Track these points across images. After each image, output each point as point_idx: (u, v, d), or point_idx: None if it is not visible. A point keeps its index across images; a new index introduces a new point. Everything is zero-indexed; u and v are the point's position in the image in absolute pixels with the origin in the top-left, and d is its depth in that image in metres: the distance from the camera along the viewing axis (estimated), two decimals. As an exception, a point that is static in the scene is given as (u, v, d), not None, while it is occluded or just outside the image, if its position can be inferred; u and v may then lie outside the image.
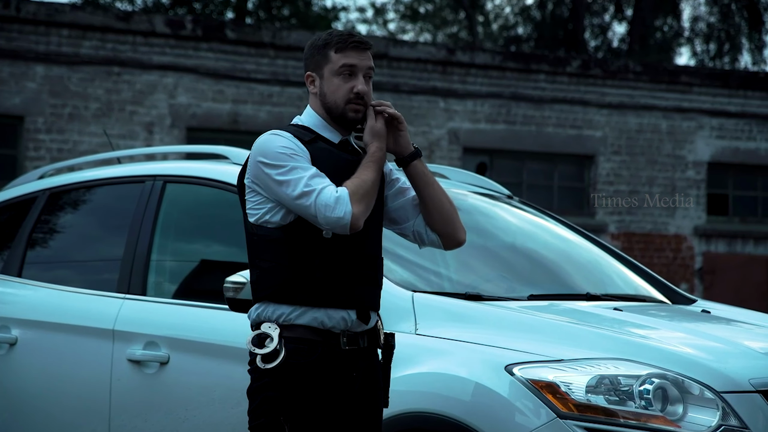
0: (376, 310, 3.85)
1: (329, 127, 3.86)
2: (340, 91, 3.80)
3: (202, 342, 4.82)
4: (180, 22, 15.29)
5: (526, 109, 16.60)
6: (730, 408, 3.97)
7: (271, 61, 15.51)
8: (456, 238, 3.99)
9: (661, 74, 17.45)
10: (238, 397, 4.64)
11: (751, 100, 17.80)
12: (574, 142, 16.92)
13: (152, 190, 5.31)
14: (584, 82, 16.99)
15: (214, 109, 15.27)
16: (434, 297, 4.58)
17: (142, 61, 14.97)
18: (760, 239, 17.76)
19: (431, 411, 4.17)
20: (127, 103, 14.89)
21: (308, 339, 3.70)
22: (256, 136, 3.95)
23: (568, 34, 26.50)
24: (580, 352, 4.12)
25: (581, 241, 5.77)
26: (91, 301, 5.28)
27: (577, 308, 4.76)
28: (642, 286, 5.52)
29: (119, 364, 5.03)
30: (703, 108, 17.58)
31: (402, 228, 3.99)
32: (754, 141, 17.84)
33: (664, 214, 17.30)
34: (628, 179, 17.16)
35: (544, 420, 3.98)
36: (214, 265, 5.22)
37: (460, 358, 4.22)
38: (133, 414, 4.99)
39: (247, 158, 3.84)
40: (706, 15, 27.91)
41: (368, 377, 3.80)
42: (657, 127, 17.35)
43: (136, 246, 5.22)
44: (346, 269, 3.72)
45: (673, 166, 17.41)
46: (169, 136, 14.97)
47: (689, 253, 17.30)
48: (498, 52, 17.17)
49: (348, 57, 3.81)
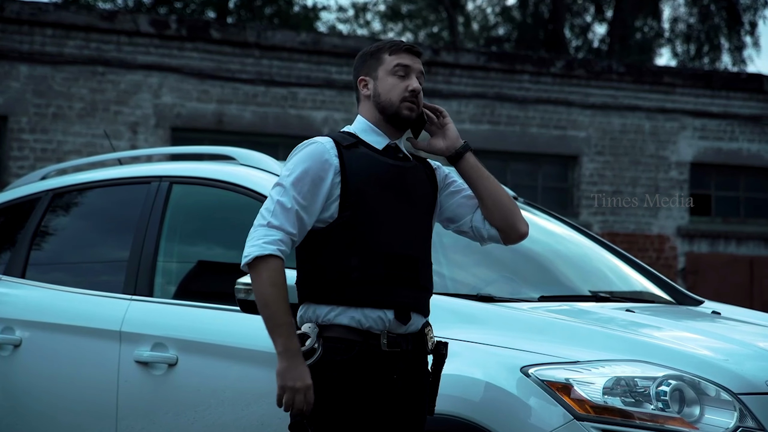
0: (420, 313, 3.83)
1: (377, 130, 3.89)
2: (395, 90, 3.85)
3: (212, 344, 4.79)
4: (164, 22, 15.24)
5: (510, 109, 16.63)
6: (747, 409, 3.97)
7: (256, 61, 15.47)
8: (517, 230, 4.00)
9: (644, 75, 17.51)
10: (248, 399, 4.65)
11: (734, 101, 17.87)
12: (558, 143, 16.95)
13: (158, 191, 5.28)
14: (568, 83, 17.03)
15: (198, 109, 15.22)
16: (444, 298, 4.53)
17: (127, 60, 14.91)
18: (743, 239, 17.83)
19: (446, 413, 4.14)
20: (111, 103, 14.83)
21: (346, 339, 3.71)
22: (240, 136, 4.00)
23: (548, 34, 26.54)
24: (596, 354, 4.11)
25: (586, 242, 5.78)
26: (97, 303, 5.24)
27: (590, 310, 4.76)
28: (649, 287, 5.53)
29: (126, 365, 4.99)
30: (685, 109, 17.64)
31: (460, 225, 4.01)
32: (737, 141, 17.92)
33: (647, 214, 17.35)
34: (612, 180, 17.21)
35: (561, 422, 3.97)
36: (221, 266, 5.19)
37: (474, 360, 4.21)
38: (140, 416, 4.95)
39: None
40: (685, 16, 28.01)
41: (410, 382, 3.78)
42: (640, 128, 17.40)
43: (143, 247, 5.19)
44: (382, 270, 3.72)
45: (656, 166, 17.46)
46: (153, 137, 14.91)
47: (672, 253, 17.35)
48: (482, 53, 17.18)
49: (402, 58, 3.89)
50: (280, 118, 15.48)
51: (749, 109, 17.95)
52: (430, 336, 3.85)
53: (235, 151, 5.31)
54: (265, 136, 15.19)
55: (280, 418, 4.49)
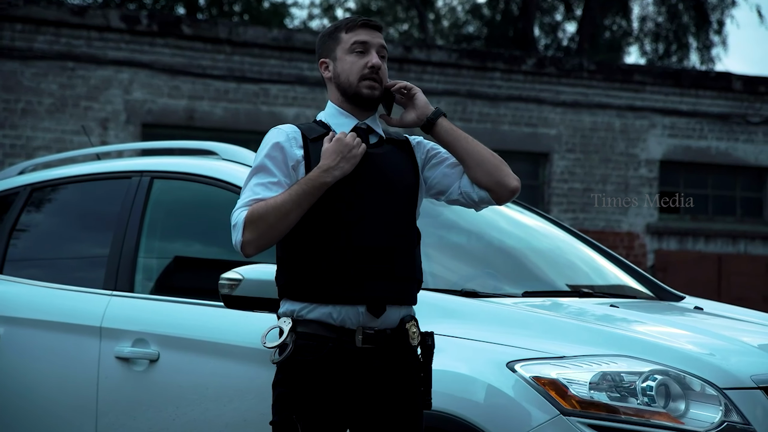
0: (398, 304, 3.73)
1: (344, 112, 3.81)
2: (353, 68, 3.76)
3: (194, 339, 4.76)
4: (135, 18, 15.16)
5: (482, 106, 16.65)
6: (733, 404, 3.98)
7: (227, 57, 15.42)
8: (506, 186, 3.84)
9: (614, 73, 17.56)
10: (230, 395, 4.63)
11: (703, 99, 17.96)
12: (529, 140, 16.98)
13: (139, 186, 5.24)
14: (539, 80, 17.07)
15: (169, 105, 15.16)
16: (428, 293, 4.45)
17: (97, 56, 14.83)
18: (711, 237, 17.93)
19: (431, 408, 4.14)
20: (81, 99, 14.74)
21: (319, 335, 3.66)
22: (211, 132, 3.98)
23: (518, 32, 26.60)
24: (582, 349, 4.11)
25: (567, 237, 5.78)
26: (77, 298, 5.20)
27: (574, 305, 4.76)
28: (630, 282, 5.55)
29: (107, 361, 4.95)
30: (655, 107, 17.72)
31: (449, 194, 3.89)
32: (705, 140, 18.01)
33: (617, 211, 17.42)
34: (582, 177, 17.26)
35: (547, 417, 3.97)
36: (203, 262, 5.17)
37: (460, 355, 4.19)
38: (121, 412, 4.92)
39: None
40: (654, 14, 28.12)
41: (392, 379, 3.70)
42: (610, 126, 17.46)
43: (123, 242, 5.15)
44: (352, 264, 3.65)
45: (626, 164, 17.53)
46: (124, 132, 14.84)
47: (642, 250, 17.43)
48: (454, 50, 17.20)
49: (359, 35, 3.79)
50: (251, 115, 15.44)
51: (718, 108, 18.05)
52: (413, 331, 3.74)
53: (217, 146, 5.28)
54: (236, 133, 15.13)
55: (262, 414, 4.46)
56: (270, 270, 4.15)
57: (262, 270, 4.23)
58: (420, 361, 3.78)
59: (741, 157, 18.15)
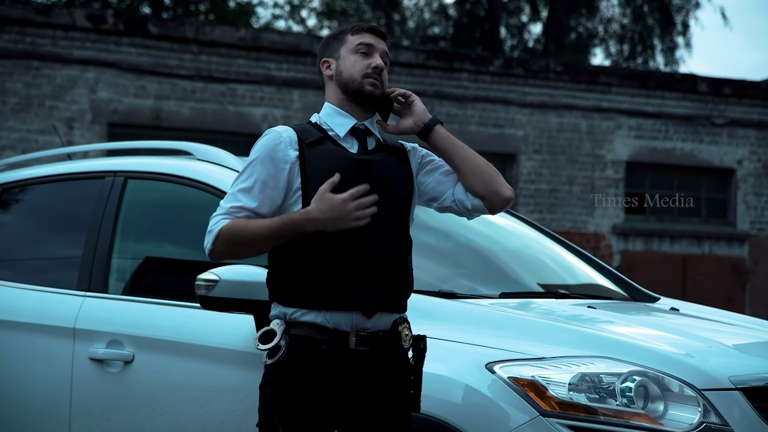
0: (389, 311, 3.74)
1: (342, 112, 3.81)
2: (357, 66, 3.78)
3: (170, 340, 4.72)
4: (101, 17, 15.07)
5: (449, 107, 16.66)
6: (711, 405, 3.99)
7: (194, 56, 15.36)
8: (500, 196, 3.86)
9: (581, 74, 17.63)
10: (207, 397, 4.60)
11: (668, 101, 18.05)
12: (496, 141, 17.01)
13: (113, 186, 5.20)
14: (506, 82, 17.10)
15: (136, 105, 15.08)
16: (405, 295, 4.52)
17: (62, 55, 14.74)
18: (676, 238, 18.01)
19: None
20: (46, 98, 14.65)
21: (312, 337, 3.65)
22: (178, 132, 3.97)
23: (484, 33, 26.65)
24: (561, 350, 4.11)
25: (540, 237, 5.78)
26: (49, 299, 5.15)
27: (552, 306, 4.76)
28: (605, 284, 5.56)
29: (81, 363, 4.91)
30: (621, 108, 17.79)
31: (442, 202, 3.90)
32: (671, 141, 18.10)
33: (583, 212, 17.48)
34: (549, 178, 17.31)
35: (526, 418, 3.97)
36: (179, 263, 5.13)
37: (439, 356, 4.15)
38: (95, 414, 4.87)
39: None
40: (619, 16, 28.24)
41: (383, 381, 3.70)
42: (577, 127, 17.52)
43: (97, 242, 5.10)
44: (347, 271, 3.65)
45: (593, 165, 17.59)
46: (89, 132, 14.76)
47: (608, 251, 17.49)
48: (421, 51, 17.21)
49: (365, 38, 3.83)
50: (218, 115, 15.38)
51: (683, 109, 18.14)
52: (405, 333, 3.75)
53: (192, 146, 5.24)
54: (203, 133, 15.06)
55: (239, 416, 4.46)
56: (247, 271, 4.13)
57: (238, 271, 4.21)
58: (411, 364, 3.78)
59: (706, 159, 18.25)
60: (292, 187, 3.70)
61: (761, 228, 18.47)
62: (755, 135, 18.48)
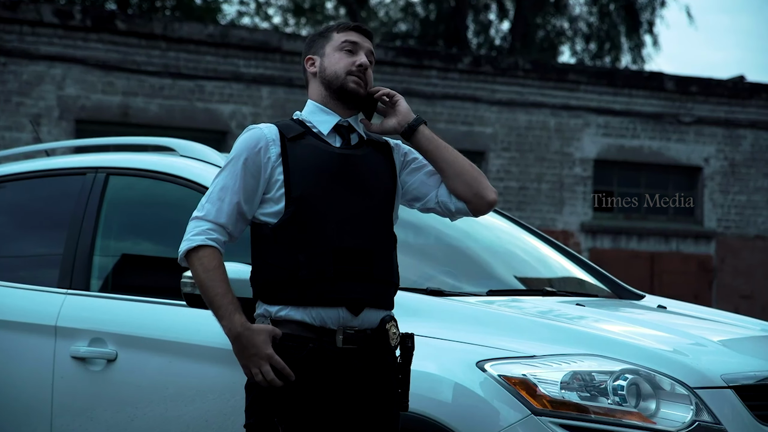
0: (376, 307, 3.71)
1: (326, 109, 3.79)
2: (341, 63, 3.77)
3: (154, 338, 4.66)
4: (69, 12, 14.95)
5: (419, 104, 16.64)
6: (703, 404, 3.98)
7: (162, 53, 15.27)
8: (484, 198, 3.85)
9: (549, 72, 17.66)
10: (191, 395, 4.55)
11: (636, 99, 18.12)
12: (465, 138, 17.00)
13: (94, 183, 5.13)
14: (475, 79, 17.10)
15: (103, 102, 14.97)
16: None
17: (29, 51, 14.62)
18: (644, 235, 18.08)
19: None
20: (13, 94, 14.53)
21: (298, 336, 3.61)
22: (146, 129, 3.93)
23: (451, 31, 26.64)
24: (552, 348, 4.09)
25: (524, 234, 5.76)
26: (30, 297, 5.07)
27: (541, 304, 4.74)
28: (591, 281, 5.54)
29: (62, 361, 4.84)
30: (589, 106, 17.84)
31: (425, 203, 3.89)
32: (638, 139, 18.16)
33: (552, 210, 17.51)
34: (518, 176, 17.33)
35: (518, 417, 3.94)
36: (162, 260, 5.06)
37: (428, 355, 4.12)
38: (77, 413, 4.81)
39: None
40: (586, 14, 28.30)
41: (371, 379, 3.67)
42: (545, 124, 17.55)
43: (78, 239, 5.03)
44: (331, 266, 3.62)
45: (561, 162, 17.63)
46: (57, 129, 14.64)
47: (576, 248, 17.53)
48: (390, 48, 17.18)
49: (350, 35, 3.81)
50: (186, 111, 15.29)
51: (651, 107, 18.21)
52: (393, 331, 3.71)
53: (175, 142, 5.18)
54: (171, 130, 14.97)
55: (225, 414, 4.42)
56: (232, 268, 4.08)
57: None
58: (399, 363, 3.75)
59: (673, 157, 18.33)
60: (274, 182, 3.68)
61: (728, 226, 18.57)
62: (722, 133, 18.58)
